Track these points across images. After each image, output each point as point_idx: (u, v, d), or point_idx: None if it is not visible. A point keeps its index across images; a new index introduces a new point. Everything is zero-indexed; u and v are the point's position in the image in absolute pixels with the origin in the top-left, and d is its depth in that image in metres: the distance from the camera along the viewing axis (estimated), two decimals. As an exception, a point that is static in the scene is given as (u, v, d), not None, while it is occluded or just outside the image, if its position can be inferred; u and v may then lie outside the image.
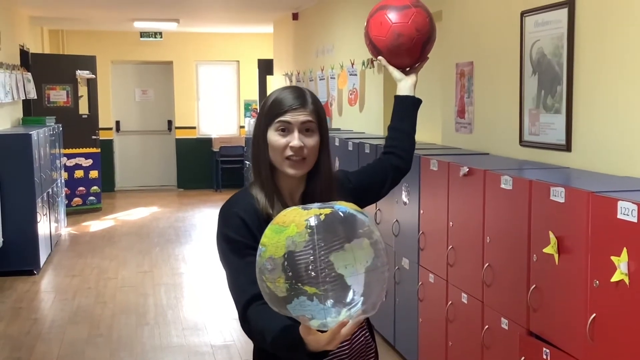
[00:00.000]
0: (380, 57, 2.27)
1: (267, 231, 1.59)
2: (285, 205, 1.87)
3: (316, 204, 1.63)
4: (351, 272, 1.52)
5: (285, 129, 1.87)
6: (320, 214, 1.55)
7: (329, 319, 1.53)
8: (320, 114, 1.92)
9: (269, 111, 1.90)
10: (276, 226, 1.57)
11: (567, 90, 3.40)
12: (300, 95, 1.90)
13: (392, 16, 2.20)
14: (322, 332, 1.55)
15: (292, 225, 1.54)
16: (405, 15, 2.20)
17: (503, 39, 4.02)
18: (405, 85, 2.31)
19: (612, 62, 3.10)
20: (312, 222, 1.53)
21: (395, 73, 2.30)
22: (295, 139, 1.86)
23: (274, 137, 1.88)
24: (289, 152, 1.86)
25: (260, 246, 1.57)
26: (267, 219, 1.77)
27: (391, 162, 2.22)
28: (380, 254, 1.57)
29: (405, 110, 2.30)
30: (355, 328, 1.54)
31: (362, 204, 1.94)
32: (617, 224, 2.29)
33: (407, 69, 2.33)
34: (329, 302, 1.51)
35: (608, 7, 3.13)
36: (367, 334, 2.06)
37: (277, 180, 1.93)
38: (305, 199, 1.93)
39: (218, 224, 1.90)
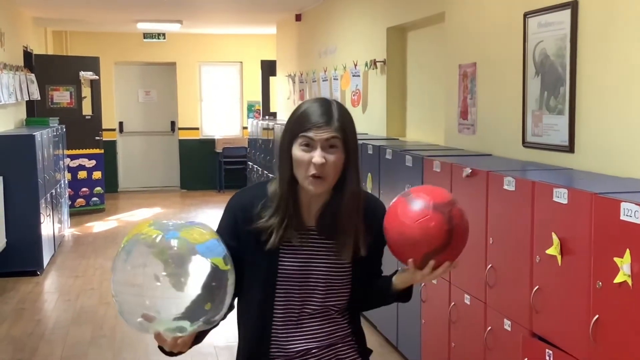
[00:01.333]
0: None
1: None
2: (300, 218, 1.92)
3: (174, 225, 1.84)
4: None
5: (309, 145, 1.86)
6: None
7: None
8: (346, 130, 1.87)
9: (295, 124, 1.89)
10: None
11: (570, 92, 3.40)
12: (327, 112, 1.87)
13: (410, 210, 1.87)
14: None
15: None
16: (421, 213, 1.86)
17: (506, 40, 4.01)
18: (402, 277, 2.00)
19: (616, 63, 3.10)
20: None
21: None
22: (317, 156, 1.84)
23: (297, 151, 1.87)
24: (312, 171, 1.85)
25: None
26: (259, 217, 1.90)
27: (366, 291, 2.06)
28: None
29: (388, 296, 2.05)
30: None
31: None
32: (620, 225, 2.29)
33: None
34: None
35: (611, 8, 3.13)
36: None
37: (298, 191, 1.92)
38: (324, 213, 1.93)
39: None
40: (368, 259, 1.99)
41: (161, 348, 1.87)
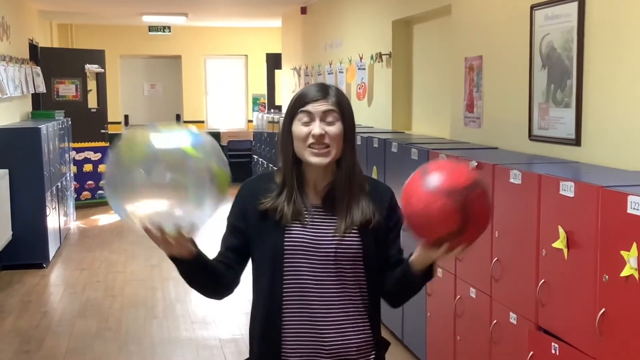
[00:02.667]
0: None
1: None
2: (306, 197, 1.95)
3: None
4: None
5: (308, 120, 1.91)
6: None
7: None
8: (342, 105, 1.94)
9: (293, 105, 1.96)
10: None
11: (577, 85, 3.38)
12: (323, 88, 1.95)
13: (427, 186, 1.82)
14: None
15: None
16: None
17: (512, 33, 4.00)
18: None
19: (623, 55, 3.09)
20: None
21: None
22: (316, 127, 1.90)
23: (297, 127, 1.92)
24: (310, 140, 1.90)
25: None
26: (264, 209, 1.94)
27: (390, 278, 2.03)
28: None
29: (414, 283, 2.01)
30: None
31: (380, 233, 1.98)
32: (627, 218, 2.28)
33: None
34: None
35: (618, 0, 3.11)
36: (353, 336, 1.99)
37: (303, 171, 1.96)
38: (330, 191, 1.96)
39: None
40: (382, 242, 2.00)
41: (174, 260, 1.85)
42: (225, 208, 1.94)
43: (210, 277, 1.95)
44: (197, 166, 1.73)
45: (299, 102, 1.94)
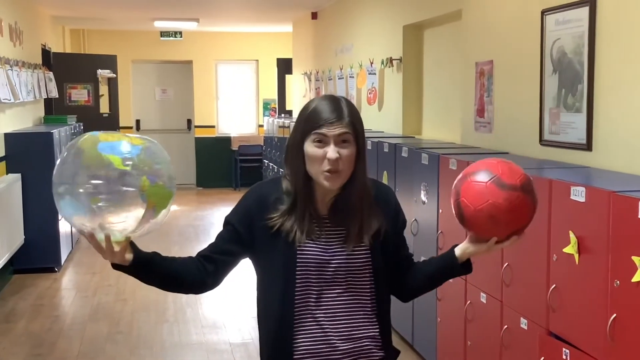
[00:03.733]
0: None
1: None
2: (316, 211, 1.95)
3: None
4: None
5: (322, 141, 1.89)
6: None
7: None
8: (356, 125, 1.92)
9: (306, 122, 1.92)
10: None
11: (588, 89, 3.37)
12: (337, 108, 1.91)
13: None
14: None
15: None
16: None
17: (523, 38, 3.99)
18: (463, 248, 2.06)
19: (634, 60, 3.08)
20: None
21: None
22: (331, 151, 1.88)
23: (310, 148, 1.90)
24: (326, 166, 1.88)
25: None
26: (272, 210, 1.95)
27: (403, 278, 2.09)
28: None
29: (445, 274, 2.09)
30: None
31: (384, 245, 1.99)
32: (639, 223, 2.28)
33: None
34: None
35: (629, 4, 3.11)
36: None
37: (313, 186, 1.95)
38: (337, 204, 1.96)
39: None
40: (392, 246, 2.02)
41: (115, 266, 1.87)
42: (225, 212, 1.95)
43: (166, 279, 1.96)
44: (117, 177, 1.74)
45: (312, 122, 1.90)
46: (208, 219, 9.72)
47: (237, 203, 2.06)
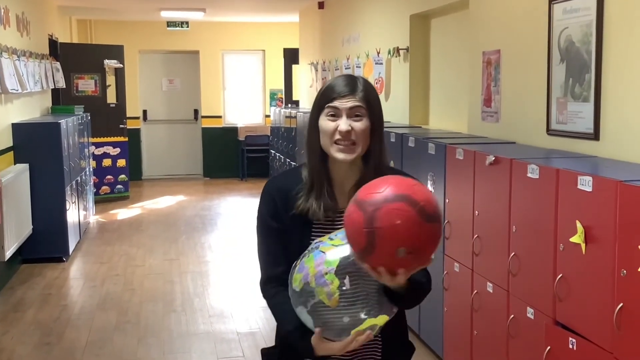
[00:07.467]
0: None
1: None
2: (333, 195, 1.93)
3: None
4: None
5: (335, 115, 1.89)
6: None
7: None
8: (370, 100, 1.91)
9: (320, 99, 1.94)
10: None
11: (595, 79, 3.36)
12: (350, 82, 1.92)
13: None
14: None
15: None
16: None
17: (530, 27, 3.98)
18: None
19: (642, 49, 3.06)
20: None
21: None
22: (342, 123, 1.88)
23: (323, 122, 1.91)
24: (337, 136, 1.88)
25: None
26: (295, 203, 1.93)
27: None
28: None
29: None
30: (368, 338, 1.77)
31: None
32: (646, 213, 2.27)
33: None
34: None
35: (638, -7, 3.09)
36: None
37: (330, 168, 1.95)
38: (357, 189, 1.91)
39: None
40: None
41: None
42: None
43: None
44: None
45: (326, 96, 1.91)
46: (215, 209, 9.74)
47: (260, 202, 2.02)
